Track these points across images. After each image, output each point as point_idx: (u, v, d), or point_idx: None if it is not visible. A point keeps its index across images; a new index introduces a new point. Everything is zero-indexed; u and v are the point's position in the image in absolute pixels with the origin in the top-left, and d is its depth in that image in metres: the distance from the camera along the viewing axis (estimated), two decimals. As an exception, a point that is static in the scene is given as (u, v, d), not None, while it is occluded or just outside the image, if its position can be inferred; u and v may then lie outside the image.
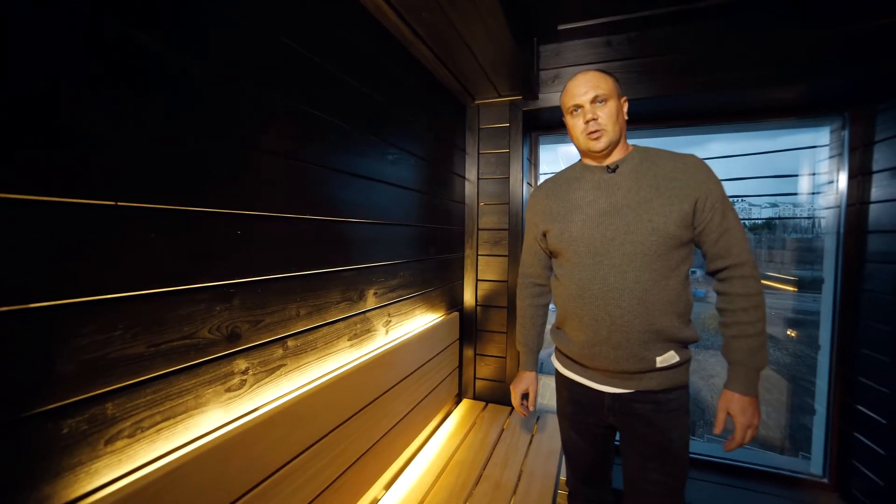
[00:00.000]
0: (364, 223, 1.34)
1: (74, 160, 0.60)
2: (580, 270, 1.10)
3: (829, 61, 1.69)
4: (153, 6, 0.71)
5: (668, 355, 1.05)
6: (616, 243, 1.05)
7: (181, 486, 0.72)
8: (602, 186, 1.11)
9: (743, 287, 1.03)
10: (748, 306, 1.02)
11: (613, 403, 1.12)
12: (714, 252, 1.06)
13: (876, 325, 1.76)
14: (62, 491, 0.59)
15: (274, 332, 0.98)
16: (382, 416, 1.38)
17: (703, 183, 1.03)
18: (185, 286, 0.77)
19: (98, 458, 0.64)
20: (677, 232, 1.02)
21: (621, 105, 1.11)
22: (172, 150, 0.74)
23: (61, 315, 0.58)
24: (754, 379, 1.03)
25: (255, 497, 0.87)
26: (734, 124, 2.20)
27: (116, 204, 0.65)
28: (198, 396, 0.80)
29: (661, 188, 1.04)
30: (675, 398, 1.07)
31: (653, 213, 1.02)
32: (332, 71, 1.16)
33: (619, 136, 1.10)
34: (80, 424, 0.61)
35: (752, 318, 1.02)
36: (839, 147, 1.99)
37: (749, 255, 1.04)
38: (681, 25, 1.89)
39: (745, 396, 1.03)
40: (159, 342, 0.72)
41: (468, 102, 2.26)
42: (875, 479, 1.73)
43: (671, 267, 1.04)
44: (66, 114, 0.59)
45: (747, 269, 1.03)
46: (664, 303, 1.03)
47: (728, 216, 1.03)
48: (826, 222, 2.12)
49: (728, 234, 1.04)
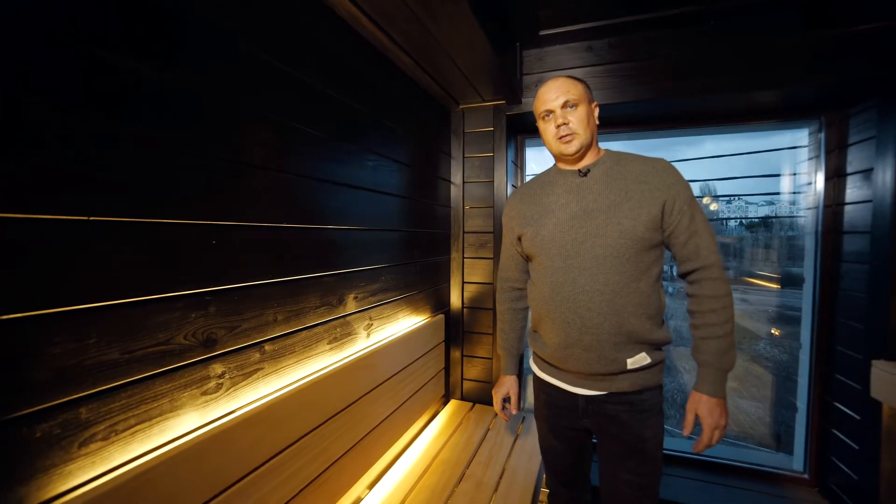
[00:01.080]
0: (343, 229, 1.37)
1: (48, 178, 0.63)
2: (552, 273, 1.12)
3: (803, 67, 1.72)
4: (127, 29, 0.74)
5: (639, 357, 1.06)
6: (586, 246, 1.07)
7: (156, 486, 0.75)
8: (574, 190, 1.13)
9: (711, 289, 1.05)
10: (717, 307, 1.04)
11: (587, 406, 1.13)
12: (683, 254, 1.08)
13: (850, 323, 1.79)
14: (36, 492, 0.63)
15: (251, 337, 1.01)
16: (364, 417, 1.41)
17: (671, 186, 1.05)
18: (159, 295, 0.80)
19: (72, 460, 0.67)
20: (646, 235, 1.04)
21: (592, 110, 1.14)
22: (145, 166, 0.77)
23: (34, 325, 0.62)
24: (722, 380, 1.05)
25: (233, 494, 0.90)
26: (717, 127, 2.24)
27: (89, 219, 0.69)
28: (173, 400, 0.83)
29: (630, 191, 1.06)
30: (647, 399, 1.09)
31: (622, 216, 1.04)
32: (306, 80, 1.19)
33: (590, 139, 1.13)
34: (53, 429, 0.64)
35: (720, 320, 1.04)
36: (816, 149, 2.03)
37: (717, 256, 1.06)
38: (660, 31, 1.92)
39: (712, 398, 1.05)
40: (134, 349, 0.76)
41: (453, 107, 2.30)
42: (850, 474, 1.77)
43: (641, 269, 1.06)
44: (38, 134, 0.62)
45: (715, 271, 1.05)
46: (634, 305, 1.05)
47: (696, 219, 1.05)
48: (806, 222, 2.15)
49: (696, 236, 1.05)
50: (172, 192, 0.82)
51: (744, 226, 3.66)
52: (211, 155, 0.91)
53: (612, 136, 2.44)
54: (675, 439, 2.39)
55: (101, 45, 0.70)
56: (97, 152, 0.70)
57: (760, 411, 2.90)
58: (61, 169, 0.65)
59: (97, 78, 0.70)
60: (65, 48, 0.65)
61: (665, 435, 1.15)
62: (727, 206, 3.70)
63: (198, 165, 0.88)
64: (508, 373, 1.39)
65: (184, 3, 0.84)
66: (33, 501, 0.62)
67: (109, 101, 0.72)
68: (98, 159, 0.70)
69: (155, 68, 0.79)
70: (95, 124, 0.70)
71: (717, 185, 2.96)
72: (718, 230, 3.39)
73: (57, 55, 0.64)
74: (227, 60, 0.94)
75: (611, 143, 2.57)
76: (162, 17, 0.80)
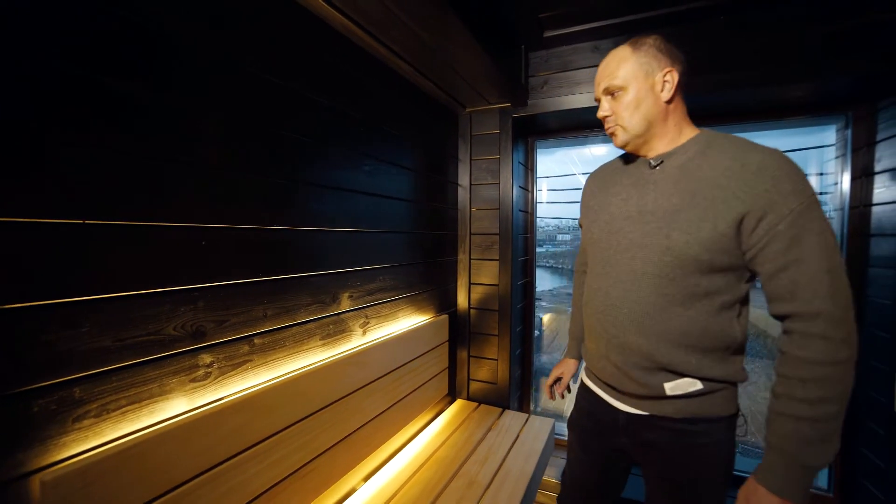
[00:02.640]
0: (336, 231, 1.44)
1: (46, 186, 0.73)
2: (592, 277, 1.03)
3: (830, 57, 1.62)
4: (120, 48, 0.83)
5: (681, 382, 0.87)
6: (627, 256, 0.92)
7: (143, 460, 0.84)
8: (639, 184, 0.95)
9: (805, 349, 0.75)
10: (807, 377, 0.75)
11: (629, 424, 0.97)
12: (772, 291, 0.80)
13: (877, 333, 1.67)
14: (34, 459, 0.72)
15: (239, 330, 1.10)
16: (356, 411, 1.48)
17: (763, 194, 0.77)
18: (149, 290, 0.89)
19: (66, 433, 0.76)
20: (703, 256, 0.81)
21: (652, 86, 0.89)
22: (136, 173, 0.87)
23: (32, 314, 0.71)
24: (796, 477, 0.76)
25: (218, 474, 0.98)
26: (737, 125, 2.14)
27: (84, 222, 0.78)
28: (162, 385, 0.92)
29: (698, 195, 0.83)
30: (702, 431, 0.88)
31: (674, 228, 0.84)
32: (299, 91, 1.27)
33: (644, 127, 0.91)
34: (49, 404, 0.74)
35: (809, 396, 0.74)
36: (843, 147, 1.90)
37: (829, 303, 0.73)
38: (668, 28, 1.87)
39: (773, 496, 0.77)
40: (125, 337, 0.85)
41: (459, 111, 2.33)
42: (878, 495, 1.64)
43: (694, 294, 0.84)
44: (37, 147, 0.72)
45: (818, 325, 0.74)
46: (675, 333, 0.86)
47: (803, 245, 0.75)
48: (833, 224, 2.02)
49: (795, 267, 0.76)
50: (162, 196, 0.91)
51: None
52: (202, 162, 0.99)
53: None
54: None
55: (101, 68, 0.80)
56: (92, 163, 0.79)
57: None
58: (58, 179, 0.75)
59: (98, 98, 0.79)
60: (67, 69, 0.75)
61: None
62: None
63: (189, 172, 0.96)
64: (569, 356, 1.36)
65: (186, 37, 0.93)
66: (32, 466, 0.72)
67: (107, 117, 0.81)
68: (93, 169, 0.79)
69: (155, 90, 0.88)
70: (92, 138, 0.79)
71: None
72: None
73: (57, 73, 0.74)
74: (226, 76, 1.03)
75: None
76: (158, 40, 0.89)
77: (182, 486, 0.91)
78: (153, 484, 0.86)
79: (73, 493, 0.74)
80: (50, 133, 0.73)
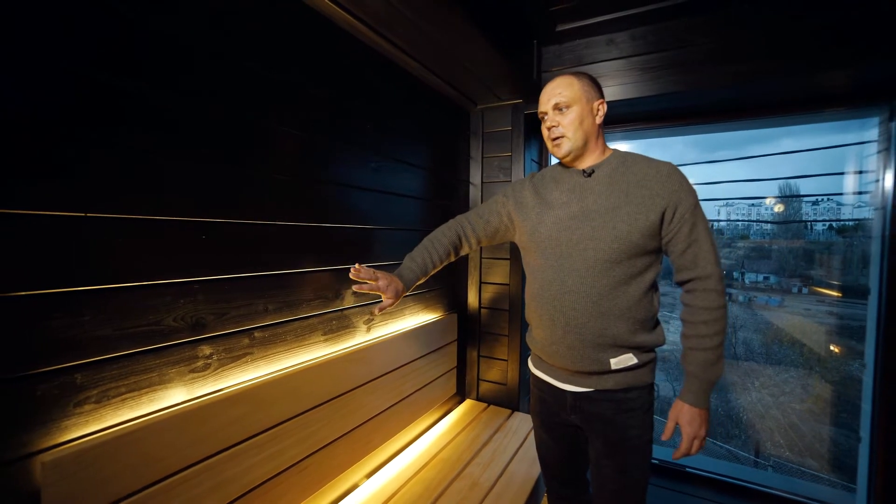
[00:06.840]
0: (341, 228, 1.46)
1: (49, 181, 0.77)
2: (543, 271, 1.14)
3: (869, 44, 1.51)
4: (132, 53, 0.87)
5: (623, 357, 1.07)
6: (580, 248, 1.08)
7: (141, 447, 0.87)
8: (577, 190, 1.13)
9: (705, 300, 1.04)
10: (708, 319, 1.03)
11: (575, 402, 1.15)
12: (680, 263, 1.07)
13: (918, 343, 1.54)
14: (37, 440, 0.76)
15: (240, 323, 1.12)
16: (358, 408, 1.48)
17: (673, 192, 1.03)
18: (150, 282, 0.92)
19: (67, 417, 0.80)
20: (641, 241, 1.04)
21: (592, 109, 1.11)
22: (137, 170, 0.90)
23: (34, 302, 0.75)
24: (706, 391, 1.05)
25: (215, 464, 1.01)
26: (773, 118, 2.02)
27: (86, 215, 0.82)
28: (162, 374, 0.96)
29: (630, 195, 1.06)
30: (634, 397, 1.10)
31: (618, 221, 1.04)
32: (308, 89, 1.29)
33: (583, 142, 1.12)
34: (52, 389, 0.78)
35: (710, 332, 1.03)
36: (886, 141, 1.76)
37: (715, 268, 1.04)
38: (685, 19, 1.79)
39: (694, 408, 1.05)
40: (125, 327, 0.88)
41: (471, 108, 2.31)
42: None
43: (632, 274, 1.06)
44: (42, 145, 0.76)
45: (711, 283, 1.04)
46: (621, 308, 1.05)
47: (698, 228, 1.04)
48: (872, 224, 1.88)
49: (695, 245, 1.04)
50: (163, 191, 0.94)
51: (809, 228, 3.23)
52: (205, 161, 1.02)
53: (641, 132, 2.31)
54: (733, 467, 2.19)
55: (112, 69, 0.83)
56: (95, 161, 0.83)
57: (820, 436, 2.56)
58: (62, 175, 0.78)
59: (104, 99, 0.83)
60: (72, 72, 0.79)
61: (703, 455, 1.11)
62: (813, 208, 3.26)
63: (190, 169, 1.00)
64: (402, 277, 1.19)
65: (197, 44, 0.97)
66: (34, 447, 0.76)
67: (110, 117, 0.85)
68: (96, 167, 0.83)
69: (153, 87, 0.92)
70: (96, 133, 0.83)
71: (790, 185, 2.72)
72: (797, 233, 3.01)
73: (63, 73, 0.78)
74: (231, 79, 1.06)
75: (653, 140, 2.43)
76: (167, 45, 0.93)
77: (179, 472, 0.94)
78: (151, 469, 0.89)
79: (72, 475, 0.77)
80: (52, 133, 0.77)
